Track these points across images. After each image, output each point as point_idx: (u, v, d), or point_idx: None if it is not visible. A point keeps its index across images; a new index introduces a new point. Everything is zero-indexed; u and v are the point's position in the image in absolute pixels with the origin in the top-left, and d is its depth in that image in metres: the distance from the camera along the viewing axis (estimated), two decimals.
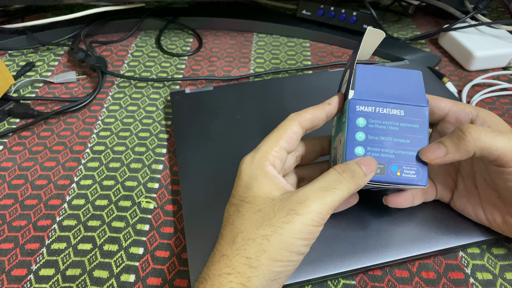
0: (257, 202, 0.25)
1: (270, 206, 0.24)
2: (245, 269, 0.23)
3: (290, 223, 0.23)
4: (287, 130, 0.28)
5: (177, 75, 0.54)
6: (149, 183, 0.39)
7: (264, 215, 0.24)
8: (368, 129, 0.28)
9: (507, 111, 0.48)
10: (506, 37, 0.56)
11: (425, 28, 0.66)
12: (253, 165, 0.27)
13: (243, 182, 0.26)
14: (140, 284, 0.31)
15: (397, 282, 0.31)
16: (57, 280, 0.31)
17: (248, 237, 0.23)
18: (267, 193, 0.25)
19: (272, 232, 0.23)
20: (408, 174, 0.27)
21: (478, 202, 0.31)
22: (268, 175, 0.26)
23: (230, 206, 0.26)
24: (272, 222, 0.23)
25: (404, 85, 0.28)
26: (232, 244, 0.24)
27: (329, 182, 0.24)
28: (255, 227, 0.24)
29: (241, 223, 0.24)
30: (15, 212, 0.36)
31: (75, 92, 0.51)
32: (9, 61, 0.56)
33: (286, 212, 0.23)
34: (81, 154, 0.42)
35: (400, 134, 0.28)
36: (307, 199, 0.24)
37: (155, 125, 0.46)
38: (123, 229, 0.35)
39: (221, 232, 0.26)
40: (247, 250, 0.23)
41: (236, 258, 0.23)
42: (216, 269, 0.23)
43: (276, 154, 0.27)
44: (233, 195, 0.27)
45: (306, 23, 0.62)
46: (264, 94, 0.47)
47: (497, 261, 0.32)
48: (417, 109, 0.28)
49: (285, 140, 0.28)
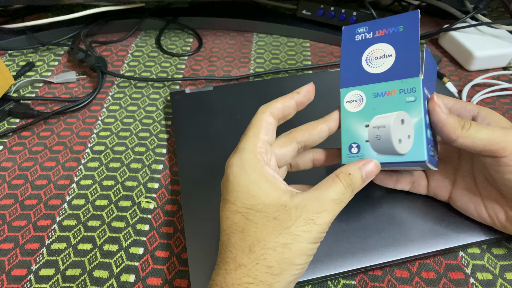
0: (269, 210, 0.25)
1: (285, 213, 0.24)
2: (267, 277, 0.23)
3: (309, 232, 0.24)
4: (262, 123, 0.28)
5: (177, 75, 0.54)
6: (149, 183, 0.39)
7: (281, 223, 0.24)
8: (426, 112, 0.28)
9: (507, 111, 0.48)
10: (506, 37, 0.56)
11: (425, 28, 0.66)
12: (247, 168, 0.26)
13: (241, 188, 0.26)
14: (140, 284, 0.31)
15: (397, 282, 0.31)
16: (57, 280, 0.31)
17: (267, 246, 0.24)
18: (276, 199, 0.25)
19: (292, 241, 0.24)
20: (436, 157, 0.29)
21: (479, 200, 0.31)
22: (268, 179, 0.26)
23: (232, 214, 0.25)
24: (291, 231, 0.24)
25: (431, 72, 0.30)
26: (249, 253, 0.24)
27: (338, 195, 0.25)
28: (273, 235, 0.24)
29: (255, 231, 0.24)
30: (15, 212, 0.36)
31: (75, 92, 0.51)
32: (9, 61, 0.56)
33: (304, 221, 0.24)
34: (81, 154, 0.42)
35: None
36: (324, 211, 0.24)
37: (155, 125, 0.46)
38: (123, 229, 0.35)
39: (225, 239, 0.25)
40: (267, 259, 0.23)
41: (256, 267, 0.23)
42: (233, 278, 0.23)
43: (262, 150, 0.27)
44: (231, 202, 0.26)
45: (306, 23, 0.62)
46: (264, 94, 0.47)
47: (497, 261, 0.32)
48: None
49: (264, 133, 0.27)
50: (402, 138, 0.27)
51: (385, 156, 0.27)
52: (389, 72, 0.28)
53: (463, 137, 0.27)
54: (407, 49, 0.28)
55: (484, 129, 0.27)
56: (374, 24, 0.30)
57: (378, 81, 0.29)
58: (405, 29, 0.28)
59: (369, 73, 0.29)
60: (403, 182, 0.34)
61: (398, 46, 0.28)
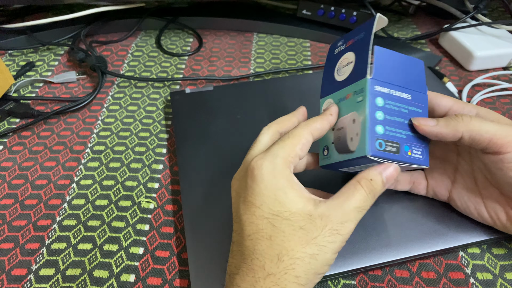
0: (295, 218, 0.25)
1: (311, 223, 0.25)
2: (295, 286, 0.24)
3: (334, 243, 0.24)
4: (302, 138, 0.28)
5: (177, 75, 0.54)
6: (149, 183, 0.39)
7: (307, 233, 0.24)
8: (385, 109, 0.28)
9: (507, 111, 0.48)
10: (506, 37, 0.56)
11: (425, 28, 0.66)
12: (277, 172, 0.26)
13: (268, 192, 0.25)
14: (140, 284, 0.31)
15: (397, 282, 0.31)
16: (57, 280, 0.31)
17: (296, 256, 0.24)
18: (301, 208, 0.25)
19: (318, 251, 0.24)
20: (416, 155, 0.29)
21: (480, 200, 0.31)
22: (294, 187, 0.26)
23: (258, 219, 0.25)
24: (317, 241, 0.24)
25: (409, 71, 0.30)
26: (278, 263, 0.24)
27: (361, 203, 0.26)
28: (301, 246, 0.24)
29: (283, 239, 0.24)
30: (15, 212, 0.36)
31: (75, 92, 0.51)
32: (9, 61, 0.56)
33: (329, 231, 0.24)
34: (81, 154, 0.42)
35: (409, 116, 0.29)
36: (348, 221, 0.25)
37: (155, 125, 0.46)
38: (123, 229, 0.35)
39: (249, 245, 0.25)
40: (296, 269, 0.24)
41: (284, 277, 0.24)
42: (262, 286, 0.24)
43: (293, 160, 0.27)
44: (256, 205, 0.25)
45: (306, 23, 0.62)
46: (264, 94, 0.47)
47: (497, 261, 0.32)
48: (421, 95, 0.30)
49: (300, 148, 0.28)
50: (353, 136, 0.28)
51: (342, 155, 0.29)
52: (349, 78, 0.30)
53: (468, 130, 0.27)
54: (362, 53, 0.29)
55: (488, 122, 0.27)
56: (348, 35, 0.31)
57: (342, 88, 0.30)
58: (365, 35, 0.29)
59: (337, 81, 0.31)
60: (403, 183, 0.34)
61: (357, 52, 0.30)
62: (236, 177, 0.29)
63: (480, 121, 0.27)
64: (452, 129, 0.27)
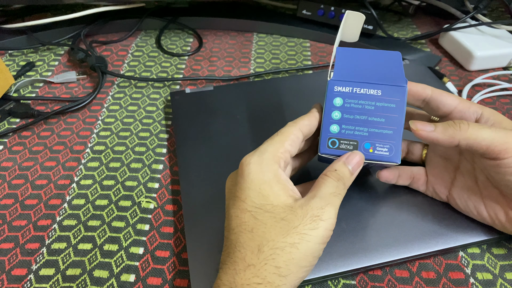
0: (277, 211, 0.25)
1: (292, 213, 0.25)
2: (275, 278, 0.23)
3: (316, 229, 0.24)
4: (291, 134, 0.28)
5: (177, 75, 0.54)
6: (149, 183, 0.39)
7: (289, 223, 0.24)
8: (344, 108, 0.29)
9: (507, 111, 0.48)
10: (506, 37, 0.56)
11: (425, 28, 0.66)
12: (264, 167, 0.26)
13: (254, 186, 0.26)
14: (140, 284, 0.31)
15: (397, 282, 0.31)
16: (57, 280, 0.31)
17: (276, 246, 0.24)
18: (284, 201, 0.26)
19: (299, 240, 0.24)
20: (381, 151, 0.29)
21: (480, 200, 0.31)
22: (280, 181, 0.26)
23: (242, 212, 0.26)
24: (298, 230, 0.24)
25: (383, 65, 0.30)
26: (258, 253, 0.24)
27: (333, 188, 0.26)
28: (281, 236, 0.24)
29: (264, 231, 0.24)
30: (15, 212, 0.36)
31: (75, 92, 0.51)
32: (9, 61, 0.56)
33: (310, 218, 0.24)
34: (81, 154, 0.42)
35: (376, 113, 0.29)
36: (327, 204, 0.25)
37: (155, 125, 0.46)
38: (123, 229, 0.35)
39: (233, 238, 0.25)
40: (276, 260, 0.23)
41: (264, 267, 0.23)
42: (242, 278, 0.23)
43: (282, 155, 0.28)
44: (241, 199, 0.26)
45: (306, 23, 0.62)
46: (264, 94, 0.47)
47: (497, 261, 0.32)
48: (395, 88, 0.29)
49: (290, 144, 0.28)
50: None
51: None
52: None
53: (465, 138, 0.27)
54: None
55: (485, 129, 0.27)
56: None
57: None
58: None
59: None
60: (404, 177, 0.34)
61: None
62: (230, 176, 0.29)
63: (478, 128, 0.27)
64: (449, 136, 0.27)
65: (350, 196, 0.35)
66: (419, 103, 0.32)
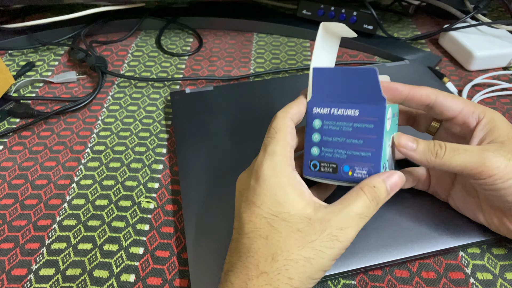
0: (293, 220, 0.25)
1: (309, 226, 0.24)
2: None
3: (332, 249, 0.24)
4: (287, 128, 0.28)
5: (177, 75, 0.54)
6: (149, 183, 0.39)
7: (305, 236, 0.24)
8: (323, 130, 0.29)
9: (507, 111, 0.48)
10: (506, 37, 0.56)
11: (425, 28, 0.66)
12: (278, 171, 0.26)
13: (269, 192, 0.26)
14: (140, 284, 0.31)
15: (397, 282, 0.31)
16: (57, 280, 0.31)
17: (290, 258, 0.24)
18: (301, 210, 0.25)
19: (314, 256, 0.24)
20: (359, 174, 0.28)
21: (477, 203, 0.31)
22: (296, 186, 0.26)
23: (257, 218, 0.25)
24: (314, 245, 0.24)
25: (360, 84, 0.28)
26: (271, 262, 0.24)
27: (363, 209, 0.25)
28: (296, 248, 0.24)
29: (279, 240, 0.24)
30: (15, 212, 0.36)
31: (75, 92, 0.51)
32: (9, 61, 0.56)
33: (327, 237, 0.24)
34: (81, 154, 0.42)
35: (354, 134, 0.28)
36: (348, 227, 0.25)
37: (155, 125, 0.46)
38: (123, 229, 0.35)
39: (247, 243, 0.25)
40: (289, 271, 0.24)
41: (277, 277, 0.23)
42: (255, 284, 0.23)
43: (290, 154, 0.27)
44: (256, 205, 0.26)
45: (306, 23, 0.62)
46: (264, 94, 0.47)
47: (497, 261, 0.32)
48: (374, 107, 0.27)
49: (290, 138, 0.28)
50: None
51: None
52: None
53: (439, 165, 0.27)
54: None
55: (460, 154, 0.27)
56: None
57: None
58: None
59: None
60: (409, 181, 0.34)
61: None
62: (240, 178, 0.29)
63: (452, 154, 0.27)
64: (425, 160, 0.28)
65: None
66: (422, 108, 0.31)
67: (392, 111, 0.29)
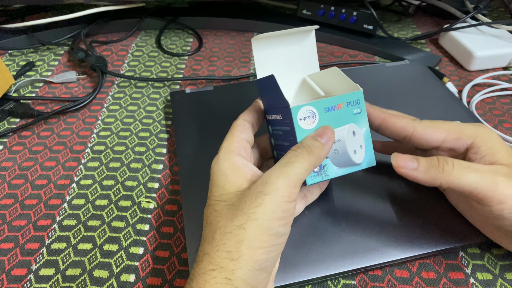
0: (230, 198, 0.25)
1: (241, 197, 0.24)
2: (227, 263, 0.22)
3: (261, 205, 0.23)
4: (237, 126, 0.29)
5: (177, 75, 0.54)
6: (149, 183, 0.39)
7: (237, 208, 0.24)
8: (273, 135, 0.30)
9: (507, 111, 0.48)
10: (506, 37, 0.56)
11: (425, 28, 0.66)
12: (220, 161, 0.27)
13: (214, 181, 0.27)
14: (140, 284, 0.31)
15: (397, 282, 0.31)
16: (57, 280, 0.31)
17: (225, 231, 0.23)
18: (238, 187, 0.25)
19: (246, 220, 0.23)
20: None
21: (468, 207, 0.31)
22: (236, 167, 0.26)
23: (207, 209, 0.26)
24: (244, 211, 0.23)
25: (271, 91, 0.28)
26: (211, 241, 0.24)
27: (288, 159, 0.25)
28: (230, 221, 0.24)
29: (218, 220, 0.25)
30: (15, 212, 0.36)
31: (75, 92, 0.51)
32: (9, 60, 0.56)
33: (254, 196, 0.23)
34: (81, 154, 0.42)
35: (284, 137, 0.29)
36: (270, 177, 0.24)
37: (155, 125, 0.46)
38: (123, 229, 0.35)
39: (202, 234, 0.26)
40: (226, 244, 0.23)
41: (217, 254, 0.23)
42: (200, 267, 0.23)
43: (237, 145, 0.28)
44: (208, 198, 0.27)
45: (306, 23, 0.62)
46: None
47: (497, 261, 0.32)
48: (284, 110, 0.27)
49: (239, 131, 0.29)
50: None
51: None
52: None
53: (447, 182, 0.26)
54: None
55: (471, 172, 0.25)
56: None
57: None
58: None
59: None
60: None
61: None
62: None
63: (462, 172, 0.25)
64: (430, 178, 0.26)
65: (350, 196, 0.35)
66: (399, 139, 0.30)
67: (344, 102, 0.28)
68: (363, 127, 0.28)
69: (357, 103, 0.28)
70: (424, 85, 0.48)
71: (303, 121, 0.27)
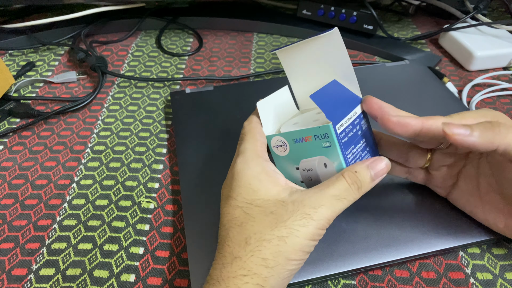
0: (267, 205, 0.25)
1: (282, 208, 0.25)
2: (262, 269, 0.23)
3: (305, 227, 0.24)
4: (255, 129, 0.29)
5: (177, 75, 0.54)
6: (149, 183, 0.39)
7: (277, 217, 0.24)
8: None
9: (507, 111, 0.48)
10: (506, 37, 0.56)
11: (425, 28, 0.66)
12: (250, 163, 0.27)
13: (243, 183, 0.26)
14: (140, 284, 0.31)
15: (397, 282, 0.31)
16: (57, 280, 0.31)
17: (263, 238, 0.24)
18: (275, 194, 0.25)
19: (288, 234, 0.24)
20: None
21: (478, 203, 0.31)
22: (269, 173, 0.26)
23: (233, 209, 0.26)
24: (287, 224, 0.24)
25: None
26: (245, 246, 0.24)
27: (340, 191, 0.25)
28: (269, 229, 0.24)
29: (252, 224, 0.24)
30: (15, 212, 0.37)
31: (75, 92, 0.51)
32: (10, 61, 0.56)
33: (300, 215, 0.24)
34: (81, 154, 0.42)
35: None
36: (321, 206, 0.24)
37: (155, 125, 0.46)
38: (123, 229, 0.35)
39: (224, 234, 0.26)
40: (262, 251, 0.23)
41: (251, 259, 0.23)
42: (229, 271, 0.23)
43: (261, 149, 0.28)
44: (233, 197, 0.26)
45: (306, 23, 0.62)
46: (265, 94, 0.47)
47: (497, 261, 0.32)
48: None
49: (259, 134, 0.29)
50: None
51: None
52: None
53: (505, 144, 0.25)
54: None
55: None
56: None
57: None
58: None
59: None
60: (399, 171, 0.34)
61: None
62: (223, 184, 0.29)
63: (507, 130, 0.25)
64: (487, 141, 0.25)
65: None
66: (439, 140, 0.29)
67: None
68: (335, 160, 0.27)
69: (325, 137, 0.27)
70: (424, 85, 0.48)
71: (277, 148, 0.30)
